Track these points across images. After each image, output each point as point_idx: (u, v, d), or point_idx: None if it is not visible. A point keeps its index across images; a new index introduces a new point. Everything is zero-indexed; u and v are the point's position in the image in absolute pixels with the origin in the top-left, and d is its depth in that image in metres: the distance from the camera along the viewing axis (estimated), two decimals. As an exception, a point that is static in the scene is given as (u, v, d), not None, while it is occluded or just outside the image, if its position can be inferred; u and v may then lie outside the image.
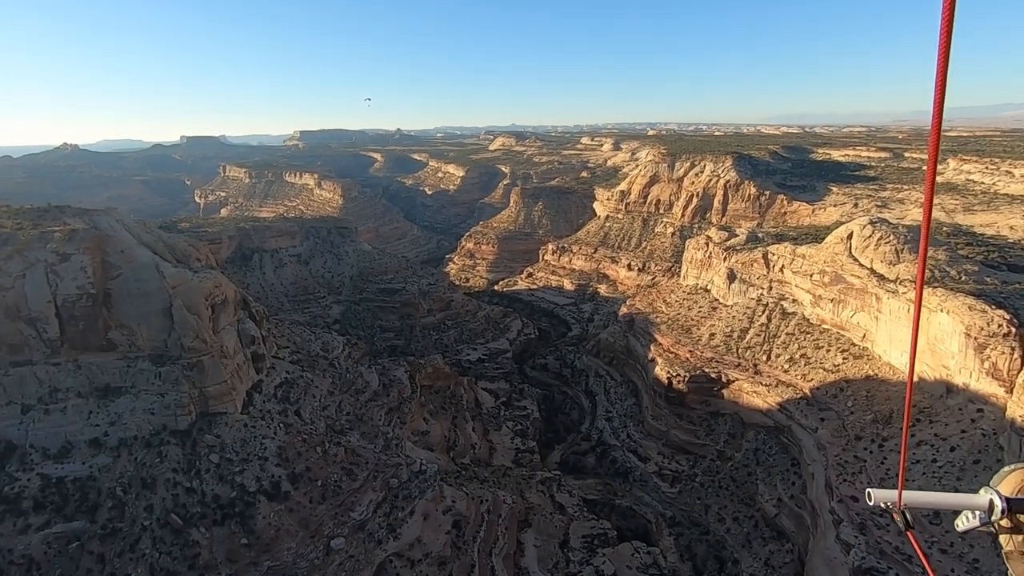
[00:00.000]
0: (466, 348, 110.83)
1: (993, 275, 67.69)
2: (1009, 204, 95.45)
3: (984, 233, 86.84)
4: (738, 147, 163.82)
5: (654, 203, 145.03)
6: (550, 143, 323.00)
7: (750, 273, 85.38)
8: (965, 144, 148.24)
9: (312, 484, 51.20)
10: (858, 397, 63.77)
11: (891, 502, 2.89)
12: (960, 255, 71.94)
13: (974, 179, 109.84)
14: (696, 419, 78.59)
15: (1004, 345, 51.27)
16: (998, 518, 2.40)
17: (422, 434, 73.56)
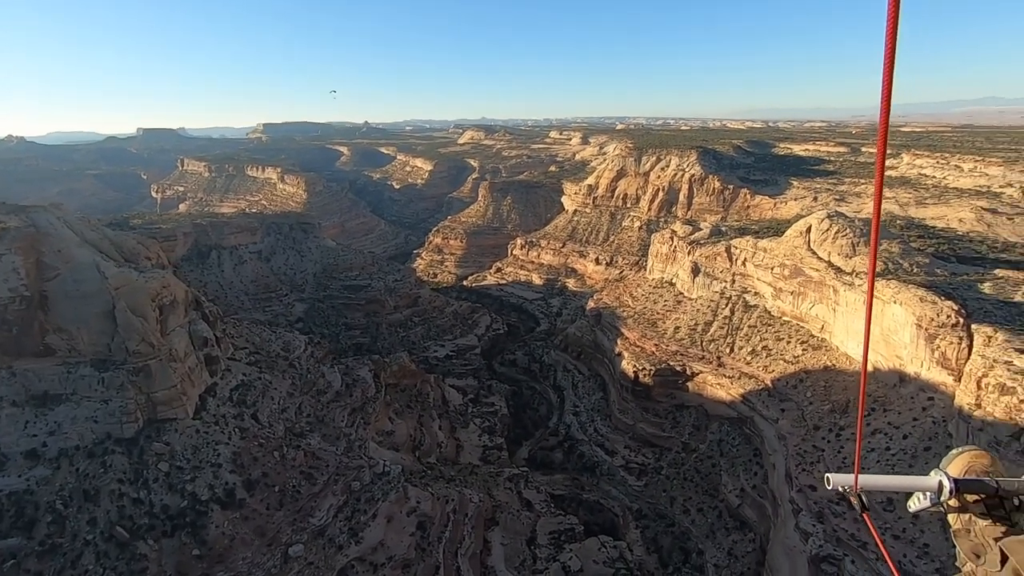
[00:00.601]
0: (434, 345, 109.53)
1: (943, 267, 69.90)
2: (958, 198, 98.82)
3: (935, 226, 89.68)
4: (703, 141, 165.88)
5: (621, 197, 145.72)
6: (519, 137, 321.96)
7: (714, 267, 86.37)
8: (918, 139, 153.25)
9: (269, 490, 49.55)
10: (816, 387, 65.14)
11: (848, 486, 2.89)
12: (912, 247, 74.06)
13: (926, 173, 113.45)
14: (662, 412, 79.29)
15: (953, 335, 52.85)
16: (947, 498, 2.52)
17: (387, 434, 72.24)
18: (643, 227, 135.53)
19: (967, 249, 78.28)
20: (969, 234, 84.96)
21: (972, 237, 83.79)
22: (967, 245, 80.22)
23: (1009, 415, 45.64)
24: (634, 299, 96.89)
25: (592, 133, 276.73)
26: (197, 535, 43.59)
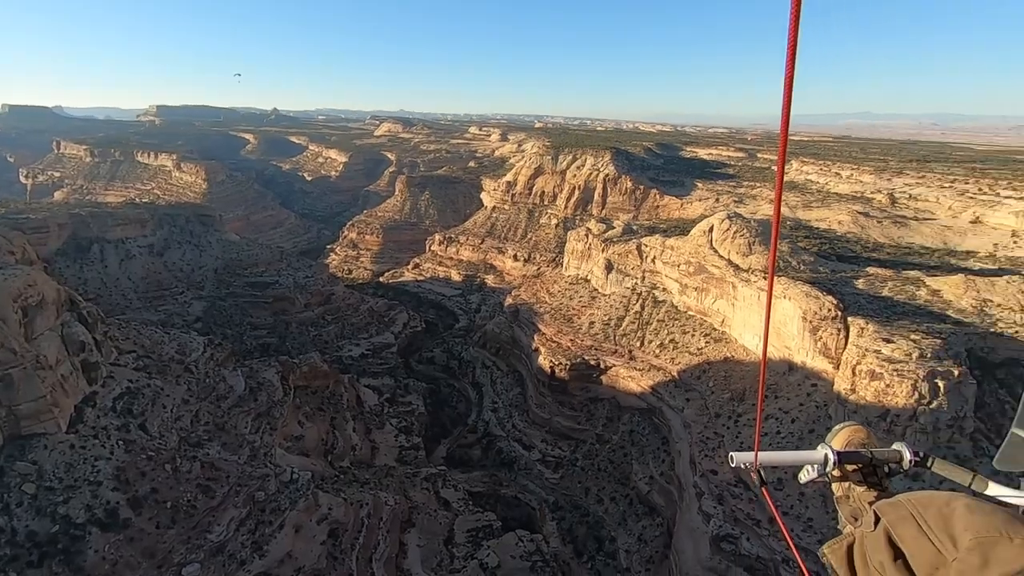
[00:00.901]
0: (348, 344, 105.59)
1: (825, 265, 76.95)
2: (838, 202, 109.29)
3: (819, 227, 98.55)
4: (617, 142, 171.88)
5: (539, 195, 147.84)
6: (438, 131, 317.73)
7: (626, 264, 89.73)
8: (805, 148, 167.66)
9: (159, 507, 45.38)
10: (717, 377, 69.51)
11: (749, 463, 3.17)
12: (800, 247, 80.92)
13: (811, 179, 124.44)
14: (577, 405, 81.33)
15: (833, 327, 58.25)
16: (831, 469, 2.83)
17: (296, 439, 68.69)
18: (560, 224, 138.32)
19: (844, 249, 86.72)
20: (846, 235, 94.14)
21: (849, 238, 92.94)
22: (844, 245, 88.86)
23: (878, 398, 51.03)
24: (551, 295, 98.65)
25: (511, 130, 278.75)
26: (71, 562, 39.02)
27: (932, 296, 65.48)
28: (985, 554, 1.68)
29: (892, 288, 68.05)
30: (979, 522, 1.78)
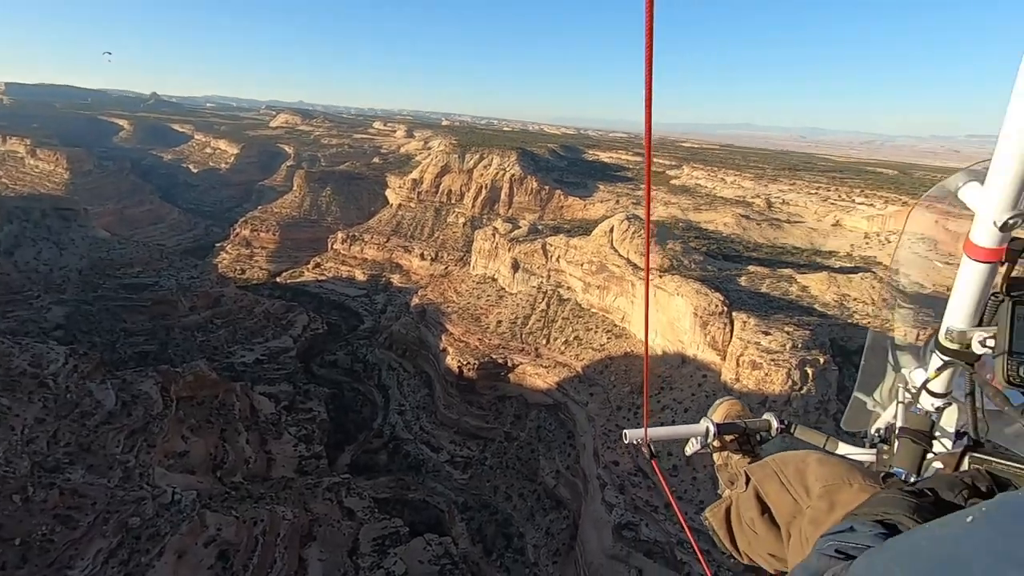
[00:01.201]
0: (240, 349, 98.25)
1: (713, 264, 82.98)
2: (724, 205, 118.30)
3: (707, 228, 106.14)
4: (523, 143, 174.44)
5: (446, 193, 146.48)
6: (341, 125, 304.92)
7: (532, 263, 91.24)
8: (695, 154, 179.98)
9: (6, 545, 39.36)
10: (618, 372, 72.60)
11: (639, 438, 3.50)
12: (691, 247, 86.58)
13: (700, 183, 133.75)
14: (485, 404, 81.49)
15: (720, 321, 62.83)
16: (711, 440, 3.11)
17: (179, 456, 62.73)
18: (468, 223, 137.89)
19: (729, 249, 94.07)
20: (731, 236, 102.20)
21: (733, 238, 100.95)
22: (729, 245, 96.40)
23: (759, 386, 55.79)
24: (458, 294, 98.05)
25: (417, 127, 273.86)
26: None
27: (802, 292, 72.76)
28: (831, 499, 1.89)
29: (769, 285, 74.79)
30: (827, 472, 2.01)
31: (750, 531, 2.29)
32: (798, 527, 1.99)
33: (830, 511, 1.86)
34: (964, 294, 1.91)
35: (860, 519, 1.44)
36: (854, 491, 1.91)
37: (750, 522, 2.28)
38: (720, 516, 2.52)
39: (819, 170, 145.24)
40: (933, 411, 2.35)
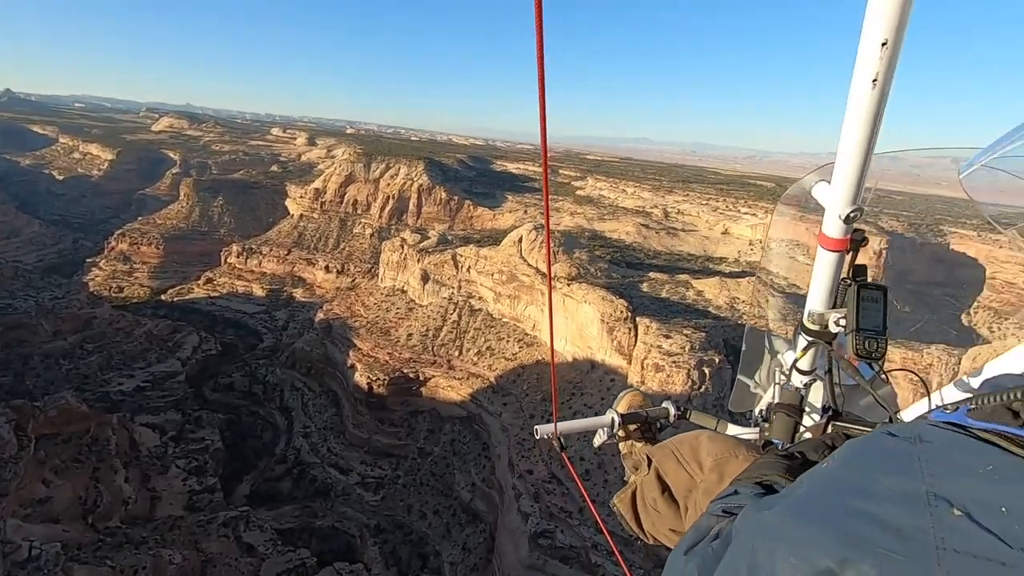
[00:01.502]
0: (117, 376, 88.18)
1: (617, 271, 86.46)
2: (625, 214, 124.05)
3: (611, 237, 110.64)
4: (431, 153, 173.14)
5: (351, 203, 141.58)
6: (234, 130, 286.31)
7: (442, 274, 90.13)
8: (598, 166, 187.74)
9: None
10: (531, 380, 73.27)
11: (550, 433, 3.63)
12: (597, 255, 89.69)
13: (604, 194, 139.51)
14: (397, 421, 78.99)
15: (624, 327, 65.34)
16: (617, 430, 3.25)
17: (40, 503, 54.83)
18: (375, 234, 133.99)
19: (631, 256, 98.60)
20: (632, 244, 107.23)
21: (634, 247, 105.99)
22: (631, 253, 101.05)
23: (662, 387, 58.48)
24: (366, 308, 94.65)
25: (320, 134, 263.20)
26: None
27: (697, 296, 77.60)
28: (721, 471, 2.06)
29: (668, 290, 79.07)
30: (716, 448, 2.18)
31: (654, 511, 2.38)
32: (694, 500, 2.14)
33: (720, 481, 2.02)
34: (820, 280, 2.15)
35: (743, 483, 1.57)
36: (739, 462, 2.06)
37: (653, 502, 2.37)
38: (627, 501, 2.59)
39: (708, 182, 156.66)
40: (802, 387, 2.61)
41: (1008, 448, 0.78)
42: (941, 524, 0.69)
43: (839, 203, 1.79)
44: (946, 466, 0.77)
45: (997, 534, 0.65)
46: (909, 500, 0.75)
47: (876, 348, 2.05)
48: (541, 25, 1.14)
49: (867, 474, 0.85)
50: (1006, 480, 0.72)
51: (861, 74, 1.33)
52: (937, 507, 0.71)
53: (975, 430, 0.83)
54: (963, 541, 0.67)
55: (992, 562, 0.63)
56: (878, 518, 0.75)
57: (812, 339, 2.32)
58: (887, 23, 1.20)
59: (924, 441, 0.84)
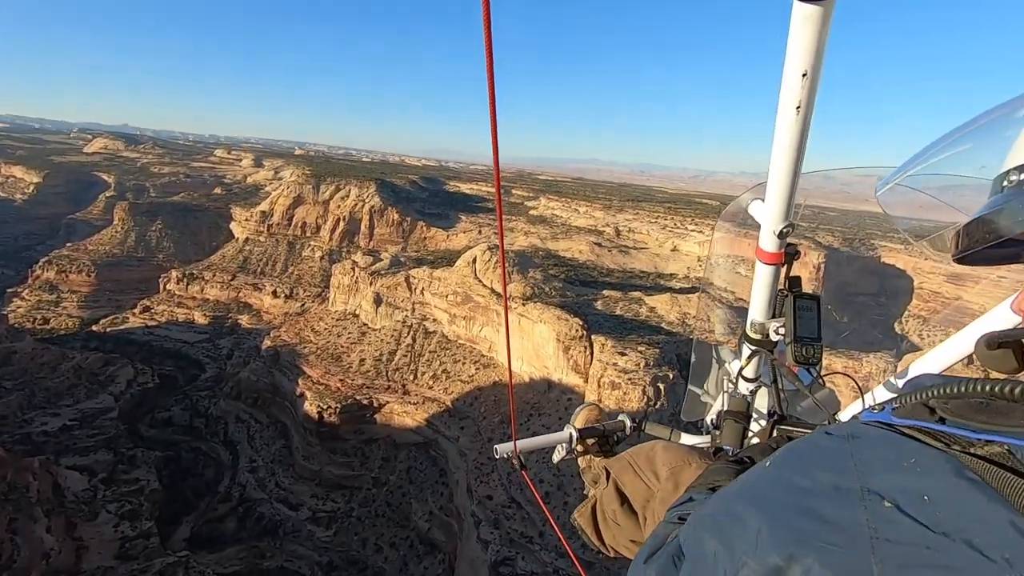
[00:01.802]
0: (41, 415, 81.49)
1: (572, 289, 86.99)
2: (578, 233, 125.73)
3: (565, 256, 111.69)
4: (382, 174, 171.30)
5: (300, 225, 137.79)
6: (175, 152, 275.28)
7: (395, 296, 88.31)
8: (549, 186, 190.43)
9: None
10: (488, 402, 72.14)
11: (509, 451, 3.62)
12: (551, 274, 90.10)
13: (556, 213, 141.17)
14: (350, 450, 76.04)
15: (580, 345, 65.44)
16: (575, 445, 3.26)
17: (-56, 562, 49.30)
18: (325, 257, 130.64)
19: (585, 275, 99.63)
20: (586, 262, 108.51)
21: (588, 265, 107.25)
22: (585, 271, 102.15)
23: (619, 404, 58.51)
24: (316, 333, 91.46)
25: (267, 156, 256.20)
26: None
27: (650, 312, 78.84)
28: (676, 479, 2.10)
29: (622, 307, 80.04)
30: (671, 457, 2.23)
31: (614, 524, 2.37)
32: (652, 510, 2.17)
33: (676, 490, 2.05)
34: (760, 292, 2.26)
35: (697, 489, 1.64)
36: (693, 469, 2.09)
37: (612, 515, 2.36)
38: (587, 515, 2.57)
39: (657, 201, 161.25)
40: (748, 394, 2.69)
41: (927, 442, 0.84)
42: (874, 516, 0.74)
43: (772, 219, 1.89)
44: (875, 462, 0.83)
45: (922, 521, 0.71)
46: (845, 495, 0.80)
47: (813, 354, 2.17)
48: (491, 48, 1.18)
49: (807, 472, 0.90)
50: (926, 471, 0.77)
51: (786, 101, 1.45)
52: (870, 500, 0.76)
53: (899, 427, 0.90)
54: (893, 530, 0.72)
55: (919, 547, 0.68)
56: (819, 514, 0.80)
57: (755, 348, 2.41)
58: (806, 56, 1.30)
59: (856, 439, 0.90)
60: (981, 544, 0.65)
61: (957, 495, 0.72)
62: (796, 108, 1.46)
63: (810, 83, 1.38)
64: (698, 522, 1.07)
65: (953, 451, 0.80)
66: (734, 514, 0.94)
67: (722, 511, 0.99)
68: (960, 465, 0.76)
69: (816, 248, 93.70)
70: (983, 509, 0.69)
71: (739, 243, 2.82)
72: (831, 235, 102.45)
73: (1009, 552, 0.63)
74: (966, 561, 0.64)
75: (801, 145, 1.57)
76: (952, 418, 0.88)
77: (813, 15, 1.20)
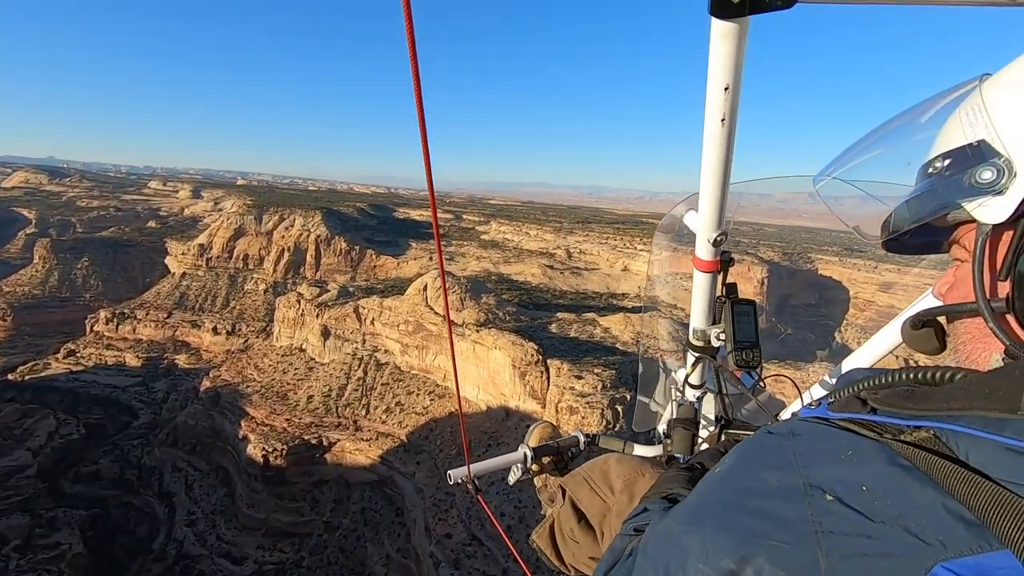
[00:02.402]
0: (-57, 479, 73.29)
1: (526, 313, 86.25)
2: (530, 256, 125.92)
3: (518, 280, 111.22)
4: (329, 202, 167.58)
5: (241, 258, 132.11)
6: (105, 185, 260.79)
7: (344, 328, 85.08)
8: (501, 211, 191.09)
9: None
10: (444, 435, 69.74)
11: (463, 477, 3.48)
12: (504, 299, 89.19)
13: (508, 237, 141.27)
14: (299, 494, 71.65)
15: (536, 371, 64.40)
16: (530, 464, 3.14)
17: None
18: (269, 290, 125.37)
19: (539, 298, 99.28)
20: (539, 285, 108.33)
21: (541, 288, 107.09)
22: (539, 294, 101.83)
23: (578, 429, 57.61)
24: (260, 371, 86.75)
25: (206, 186, 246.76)
26: None
27: (605, 333, 78.86)
28: (631, 491, 2.08)
29: (577, 329, 79.75)
30: (624, 469, 2.21)
31: (572, 542, 2.31)
32: (609, 524, 2.13)
33: (631, 502, 2.01)
34: (699, 300, 2.30)
35: (651, 500, 1.62)
36: (647, 479, 2.08)
37: (570, 532, 2.30)
38: (546, 536, 2.45)
39: (606, 222, 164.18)
40: (695, 401, 2.70)
41: (861, 432, 0.86)
42: (818, 510, 0.76)
43: (706, 228, 1.93)
44: (816, 456, 0.85)
45: (862, 511, 0.72)
46: (790, 492, 0.81)
47: (752, 357, 2.23)
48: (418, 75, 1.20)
49: (753, 472, 0.91)
50: (863, 461, 0.79)
51: (711, 115, 1.51)
52: (813, 495, 0.78)
53: (835, 420, 0.92)
54: (836, 522, 0.74)
55: (861, 536, 0.70)
56: (767, 512, 0.81)
57: (698, 355, 2.43)
58: (726, 71, 1.35)
59: (796, 436, 0.92)
60: (916, 529, 0.68)
61: (891, 483, 0.75)
62: (721, 120, 1.50)
63: (732, 96, 1.43)
64: (652, 535, 1.08)
65: (885, 439, 0.82)
66: (686, 522, 0.96)
67: (674, 520, 1.00)
68: (892, 453, 0.79)
69: (759, 263, 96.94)
70: (916, 494, 0.72)
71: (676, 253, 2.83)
72: (771, 250, 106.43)
73: (943, 534, 0.66)
74: (905, 547, 0.67)
75: (728, 156, 1.62)
76: (882, 407, 0.92)
77: (730, 31, 1.24)
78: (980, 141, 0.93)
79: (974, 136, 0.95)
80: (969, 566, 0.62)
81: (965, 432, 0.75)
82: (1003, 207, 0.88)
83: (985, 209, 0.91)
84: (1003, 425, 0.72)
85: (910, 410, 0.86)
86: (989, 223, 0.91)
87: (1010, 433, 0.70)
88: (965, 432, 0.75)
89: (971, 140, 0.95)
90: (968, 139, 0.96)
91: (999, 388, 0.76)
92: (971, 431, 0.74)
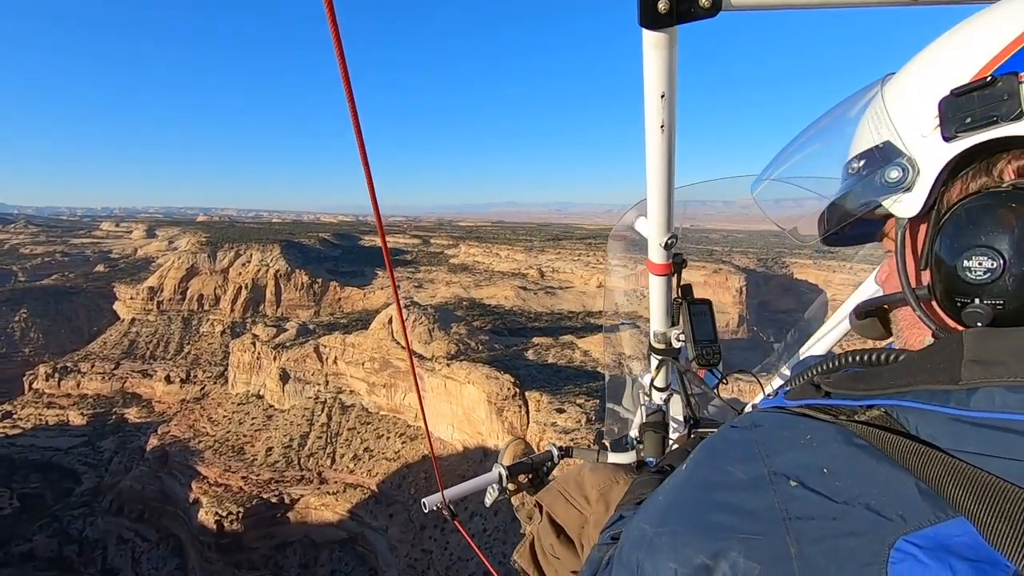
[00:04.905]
0: None
1: (500, 340, 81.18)
2: (502, 278, 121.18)
3: (490, 304, 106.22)
4: (290, 235, 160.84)
5: (196, 299, 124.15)
6: (53, 229, 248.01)
7: (304, 370, 78.66)
8: (470, 232, 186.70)
9: None
10: (418, 481, 63.62)
11: (438, 503, 3.34)
12: (476, 327, 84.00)
13: (479, 260, 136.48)
14: (259, 561, 64.41)
15: (514, 405, 59.17)
16: (506, 484, 3.09)
17: None
18: (227, 331, 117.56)
19: (513, 322, 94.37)
20: (513, 308, 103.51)
21: (515, 311, 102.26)
22: (513, 318, 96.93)
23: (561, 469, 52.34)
24: (214, 423, 79.39)
25: (163, 225, 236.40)
26: None
27: (584, 356, 74.22)
28: (606, 500, 2.08)
29: (555, 354, 74.97)
30: (598, 478, 2.20)
31: (553, 558, 2.23)
32: (587, 535, 2.13)
33: (607, 511, 1.97)
34: (657, 303, 2.34)
35: (626, 507, 1.65)
36: (621, 487, 2.05)
37: (551, 548, 2.23)
38: (526, 555, 2.37)
39: (576, 238, 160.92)
40: (663, 404, 2.71)
41: (817, 416, 0.88)
42: (783, 497, 0.77)
43: (657, 233, 1.97)
44: (777, 444, 0.87)
45: (825, 494, 0.74)
46: (756, 482, 0.82)
47: (712, 355, 2.26)
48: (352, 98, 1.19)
49: (719, 467, 0.93)
50: (821, 444, 0.81)
51: (651, 122, 1.54)
52: (777, 483, 0.79)
53: (792, 408, 0.95)
54: (801, 507, 0.74)
55: (827, 519, 0.71)
56: (735, 506, 0.82)
57: (661, 357, 2.48)
58: (661, 80, 1.39)
59: (758, 427, 0.93)
60: (877, 505, 0.69)
61: (850, 463, 0.76)
62: (661, 127, 1.53)
63: (669, 103, 1.45)
64: (626, 540, 1.06)
65: (841, 421, 0.84)
66: (657, 523, 0.96)
67: (646, 523, 0.99)
68: (849, 433, 0.80)
69: (736, 272, 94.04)
70: (873, 472, 0.73)
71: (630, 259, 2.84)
72: (745, 256, 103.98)
73: (902, 508, 0.68)
74: (867, 524, 0.68)
75: (671, 161, 1.66)
76: (835, 391, 0.94)
77: (661, 41, 1.27)
78: (885, 143, 0.98)
79: (879, 138, 1.00)
80: (929, 536, 0.64)
81: (913, 407, 0.78)
82: (913, 202, 0.93)
83: (899, 205, 0.96)
84: (947, 396, 0.74)
85: (861, 391, 0.88)
86: (905, 217, 0.96)
87: (954, 404, 0.73)
88: (913, 407, 0.78)
89: (877, 142, 1.00)
90: (875, 141, 1.01)
91: (940, 361, 0.79)
92: (918, 405, 0.77)
